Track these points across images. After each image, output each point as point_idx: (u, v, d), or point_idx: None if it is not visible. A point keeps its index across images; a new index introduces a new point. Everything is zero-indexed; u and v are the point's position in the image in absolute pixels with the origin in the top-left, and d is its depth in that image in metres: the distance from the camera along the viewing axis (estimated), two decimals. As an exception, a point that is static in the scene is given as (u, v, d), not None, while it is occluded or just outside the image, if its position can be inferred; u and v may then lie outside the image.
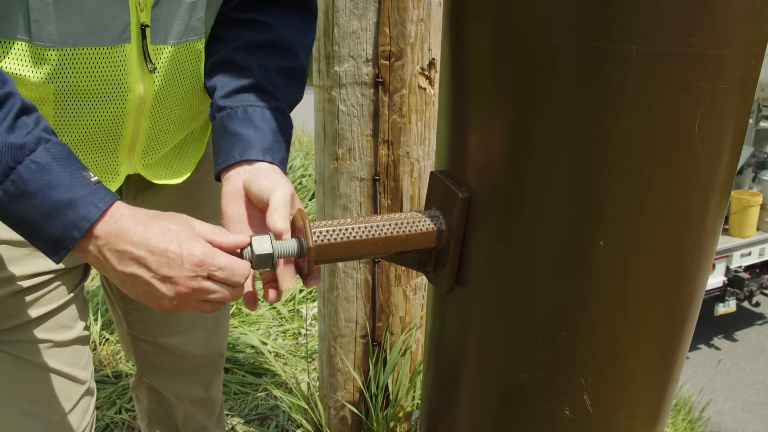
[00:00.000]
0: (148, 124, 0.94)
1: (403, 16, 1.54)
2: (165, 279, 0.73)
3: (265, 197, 0.82)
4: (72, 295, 1.01)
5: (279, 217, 0.78)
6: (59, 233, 0.70)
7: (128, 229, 0.73)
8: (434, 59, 1.63)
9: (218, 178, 0.91)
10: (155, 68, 0.89)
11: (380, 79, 1.59)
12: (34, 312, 0.95)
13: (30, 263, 0.93)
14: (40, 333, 0.97)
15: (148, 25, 0.85)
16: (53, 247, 0.71)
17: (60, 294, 0.99)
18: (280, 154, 0.90)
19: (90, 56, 0.81)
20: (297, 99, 0.98)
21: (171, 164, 1.07)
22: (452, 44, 0.72)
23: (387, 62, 1.58)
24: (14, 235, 0.90)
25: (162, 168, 1.05)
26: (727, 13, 0.56)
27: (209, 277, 0.75)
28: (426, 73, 1.62)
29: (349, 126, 1.64)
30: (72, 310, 1.02)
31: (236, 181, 0.87)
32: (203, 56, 0.97)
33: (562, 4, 0.57)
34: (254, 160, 0.87)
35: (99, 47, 0.81)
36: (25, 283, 0.93)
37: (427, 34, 1.59)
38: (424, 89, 1.63)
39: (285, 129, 0.93)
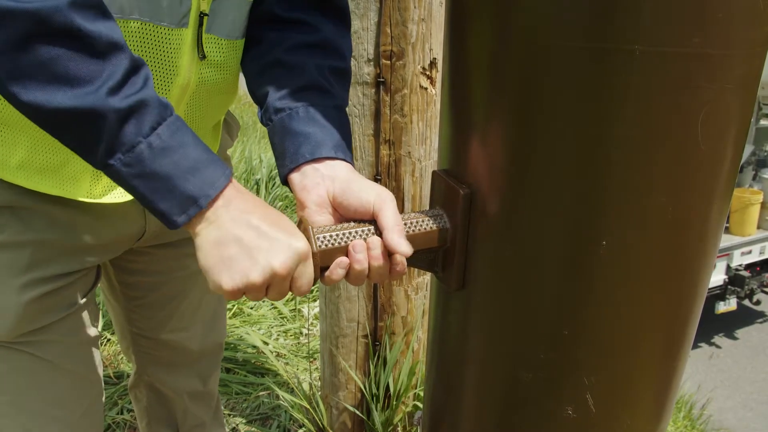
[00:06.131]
0: (184, 112, 0.93)
1: (405, 15, 1.55)
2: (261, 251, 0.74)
3: (369, 209, 0.78)
4: (89, 295, 1.02)
5: (402, 240, 0.75)
6: (196, 190, 0.72)
7: (246, 199, 0.76)
8: (435, 59, 1.63)
9: (285, 181, 0.87)
10: (205, 57, 0.89)
11: (381, 79, 1.59)
12: (61, 312, 0.96)
13: (60, 263, 0.94)
14: (64, 333, 0.98)
15: (206, 14, 0.86)
16: (184, 205, 0.72)
17: (81, 294, 1.00)
18: (349, 151, 0.88)
19: (150, 33, 0.82)
20: (347, 97, 0.96)
21: None
22: (454, 43, 0.72)
23: (388, 62, 1.58)
24: (45, 235, 0.91)
25: None
26: (729, 13, 0.56)
27: (291, 279, 0.75)
28: (427, 72, 1.62)
29: (350, 126, 1.64)
30: (89, 310, 1.03)
31: (318, 189, 0.82)
32: (241, 53, 0.97)
33: (564, 4, 0.57)
34: (325, 158, 0.84)
35: (161, 26, 0.82)
36: (56, 284, 0.94)
37: (428, 34, 1.59)
38: (426, 89, 1.64)
39: (347, 127, 0.91)
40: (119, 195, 0.94)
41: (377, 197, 0.77)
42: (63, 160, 0.87)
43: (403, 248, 0.74)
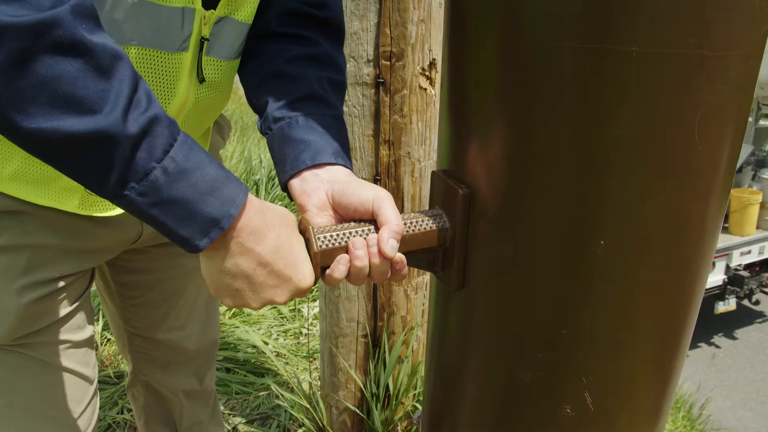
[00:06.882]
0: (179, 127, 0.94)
1: (404, 16, 1.55)
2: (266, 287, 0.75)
3: (368, 207, 0.78)
4: (85, 295, 1.03)
5: (390, 240, 0.75)
6: (216, 211, 0.67)
7: (259, 216, 0.73)
8: (435, 59, 1.63)
9: (285, 187, 0.88)
10: (204, 80, 0.89)
11: (381, 80, 1.59)
12: (58, 313, 0.96)
13: (58, 266, 0.94)
14: (60, 334, 0.98)
15: (207, 39, 0.86)
16: (207, 229, 0.68)
17: (76, 295, 1.00)
18: (348, 158, 0.88)
19: (148, 58, 0.81)
20: (343, 112, 0.97)
21: None
22: (453, 44, 0.72)
23: (388, 63, 1.58)
24: (44, 239, 0.91)
25: None
26: (726, 14, 0.56)
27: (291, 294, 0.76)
28: (427, 73, 1.63)
29: (350, 126, 1.64)
30: (85, 310, 1.03)
31: (318, 193, 0.82)
32: (235, 70, 0.98)
33: (562, 5, 0.57)
34: (325, 164, 0.84)
35: (160, 52, 0.81)
36: (53, 286, 0.94)
37: (427, 35, 1.60)
38: (425, 89, 1.64)
39: (345, 135, 0.92)
40: (111, 208, 0.94)
41: (375, 196, 0.77)
42: (56, 173, 0.87)
43: (387, 248, 0.74)
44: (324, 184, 0.82)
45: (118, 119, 0.61)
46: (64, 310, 0.97)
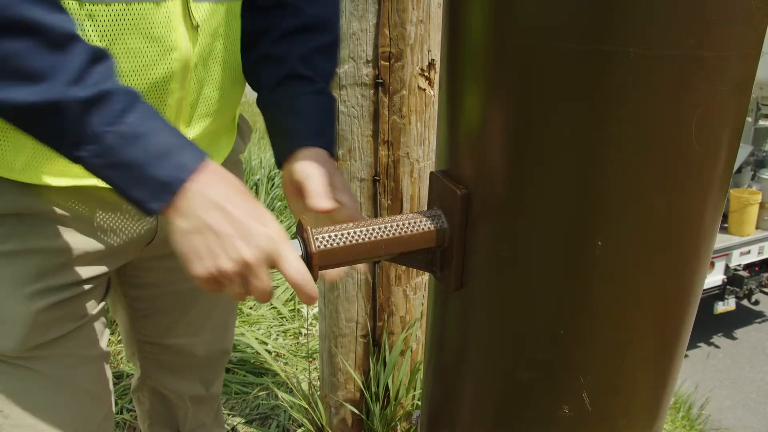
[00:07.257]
0: (194, 88, 0.92)
1: (403, 17, 1.55)
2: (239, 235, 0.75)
3: (302, 183, 0.87)
4: (100, 307, 1.00)
5: (320, 198, 0.82)
6: (166, 175, 0.71)
7: (222, 183, 0.76)
8: (434, 60, 1.63)
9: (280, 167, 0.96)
10: (199, 25, 0.88)
11: (380, 80, 1.59)
12: (70, 324, 0.94)
13: (70, 272, 0.92)
14: (73, 348, 0.95)
15: None
16: (157, 192, 0.72)
17: (92, 306, 0.98)
18: (326, 136, 0.94)
19: (135, 12, 0.80)
20: (334, 71, 1.01)
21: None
22: (452, 45, 0.72)
23: (387, 63, 1.58)
24: (55, 243, 0.89)
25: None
26: (725, 15, 0.56)
27: (270, 265, 0.76)
28: (426, 74, 1.63)
29: (349, 127, 1.64)
30: (100, 323, 1.01)
31: (285, 175, 0.92)
32: (240, 18, 0.98)
33: (559, 6, 0.58)
34: (299, 148, 0.91)
35: (145, 3, 0.81)
36: (66, 293, 0.92)
37: (426, 36, 1.60)
38: (424, 90, 1.64)
39: (329, 108, 0.97)
40: None
41: (303, 169, 0.87)
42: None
43: (323, 204, 0.82)
44: (293, 167, 0.91)
45: (64, 87, 0.67)
46: (78, 320, 0.95)
